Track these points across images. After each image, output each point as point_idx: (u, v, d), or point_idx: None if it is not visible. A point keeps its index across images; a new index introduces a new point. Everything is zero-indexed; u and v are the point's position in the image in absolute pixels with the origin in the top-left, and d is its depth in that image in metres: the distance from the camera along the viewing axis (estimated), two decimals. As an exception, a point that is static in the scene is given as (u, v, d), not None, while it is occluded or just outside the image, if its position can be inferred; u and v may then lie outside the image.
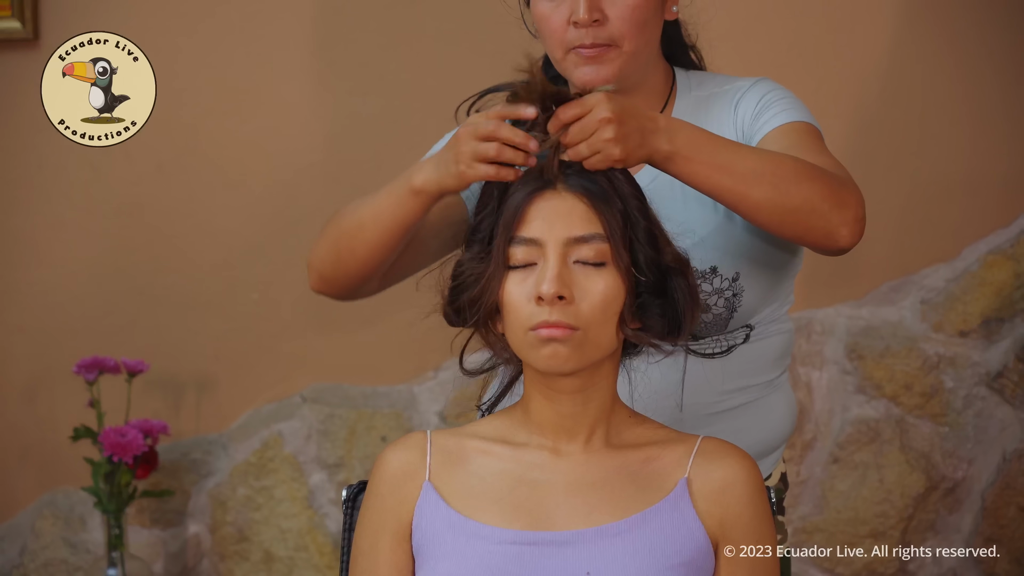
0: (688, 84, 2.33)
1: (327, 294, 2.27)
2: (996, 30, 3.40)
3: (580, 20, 2.18)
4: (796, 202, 2.03)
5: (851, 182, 2.10)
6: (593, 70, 2.21)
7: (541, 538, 1.91)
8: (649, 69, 2.28)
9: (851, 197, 2.07)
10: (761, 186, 2.02)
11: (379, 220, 2.12)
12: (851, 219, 2.06)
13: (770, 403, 2.33)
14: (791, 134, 2.19)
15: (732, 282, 2.24)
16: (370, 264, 2.18)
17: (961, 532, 3.44)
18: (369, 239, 2.14)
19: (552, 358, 1.91)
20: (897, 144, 3.42)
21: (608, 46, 2.20)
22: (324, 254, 2.22)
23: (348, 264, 2.19)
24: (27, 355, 3.53)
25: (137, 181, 3.48)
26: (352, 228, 2.17)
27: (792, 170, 2.04)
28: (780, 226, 2.06)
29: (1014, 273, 3.43)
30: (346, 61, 3.45)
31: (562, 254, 1.92)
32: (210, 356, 3.52)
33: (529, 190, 1.95)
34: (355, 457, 3.50)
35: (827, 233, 2.06)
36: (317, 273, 2.25)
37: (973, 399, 3.43)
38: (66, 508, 3.55)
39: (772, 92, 2.26)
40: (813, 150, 2.15)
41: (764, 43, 3.40)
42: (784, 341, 2.34)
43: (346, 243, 2.18)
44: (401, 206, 2.10)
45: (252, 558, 3.51)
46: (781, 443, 2.36)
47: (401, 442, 2.01)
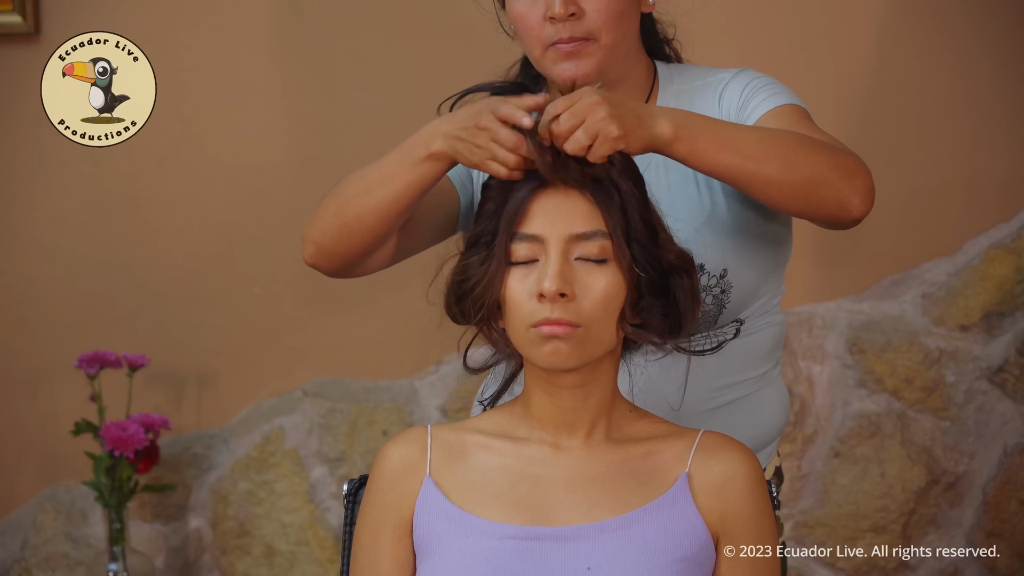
0: (670, 77, 2.32)
1: (322, 268, 2.22)
2: (995, 25, 3.40)
3: (556, 15, 2.17)
4: (805, 174, 2.02)
5: (854, 153, 2.09)
6: (573, 65, 2.20)
7: (542, 533, 1.91)
8: (630, 62, 2.27)
9: (858, 166, 2.06)
10: (769, 161, 2.01)
11: (391, 184, 2.08)
12: (861, 187, 2.05)
13: (763, 397, 2.32)
14: (783, 116, 2.18)
15: (720, 279, 2.24)
16: (376, 232, 2.13)
17: (962, 527, 3.44)
18: (378, 205, 2.10)
19: (553, 355, 1.90)
20: (898, 139, 3.42)
21: (586, 40, 2.19)
22: (325, 226, 2.17)
23: (353, 233, 2.14)
24: (28, 349, 3.53)
25: (138, 176, 3.48)
26: (359, 194, 2.12)
27: (797, 143, 2.03)
28: (792, 200, 2.04)
29: (1015, 267, 3.43)
30: (346, 56, 3.45)
31: (564, 251, 1.91)
32: (211, 350, 3.52)
33: (531, 187, 1.94)
34: (356, 451, 3.50)
35: (840, 204, 2.05)
36: (315, 246, 2.20)
37: (974, 393, 3.43)
38: (67, 502, 3.55)
39: (756, 80, 2.25)
40: (807, 129, 2.14)
41: (763, 39, 3.40)
42: (775, 333, 2.33)
43: (352, 210, 2.13)
44: (416, 171, 2.06)
45: (253, 552, 3.52)
46: (775, 437, 2.35)
47: (401, 437, 2.01)
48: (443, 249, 2.10)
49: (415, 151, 2.06)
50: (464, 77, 2.45)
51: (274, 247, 3.48)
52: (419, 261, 2.22)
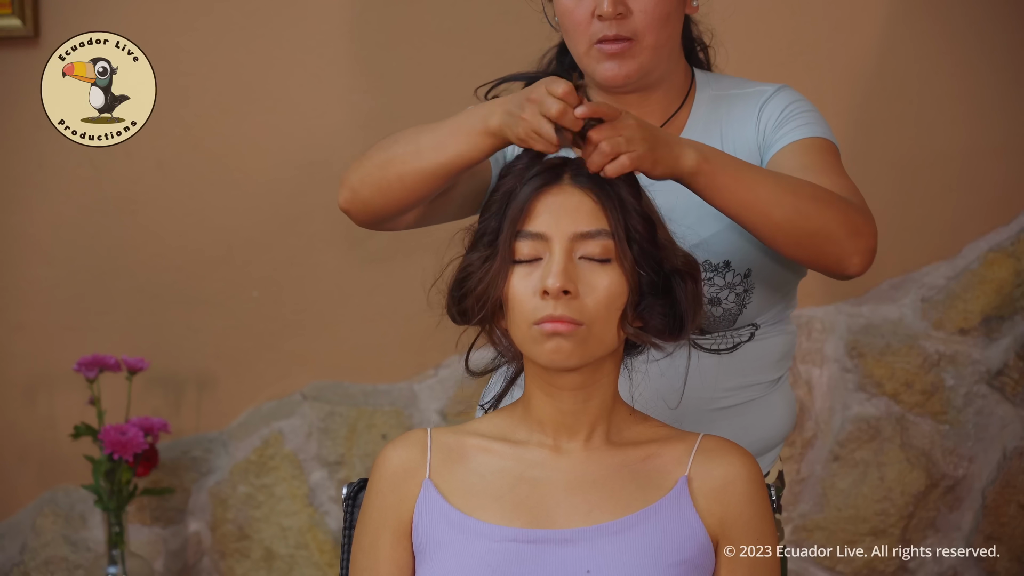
0: (707, 82, 2.35)
1: (352, 215, 2.22)
2: (995, 28, 3.40)
3: (604, 13, 2.21)
4: (814, 226, 2.07)
5: (866, 210, 2.14)
6: (615, 65, 2.24)
7: (541, 536, 1.91)
8: (671, 65, 2.30)
9: (866, 227, 2.11)
10: (782, 208, 2.06)
11: (442, 151, 2.09)
12: (864, 248, 2.10)
13: (771, 401, 2.34)
14: (811, 150, 2.22)
15: (744, 278, 2.26)
16: (415, 194, 2.14)
17: (961, 530, 3.44)
18: (424, 168, 2.11)
19: (555, 353, 1.91)
20: (897, 141, 3.43)
21: (630, 40, 2.22)
22: (367, 176, 2.18)
23: (392, 190, 2.15)
24: (27, 353, 3.53)
25: (137, 179, 3.48)
26: (407, 155, 2.13)
27: (812, 195, 2.08)
28: (796, 248, 2.09)
29: (1014, 271, 3.43)
30: (346, 58, 3.45)
31: (568, 249, 1.92)
32: (210, 354, 3.52)
33: (536, 186, 1.95)
34: (355, 455, 3.50)
35: (839, 260, 2.11)
36: (352, 192, 2.20)
37: (973, 397, 3.43)
38: (66, 506, 3.55)
39: (796, 103, 2.29)
40: (830, 169, 2.19)
41: (763, 41, 3.40)
42: (787, 342, 2.36)
43: (396, 168, 2.14)
44: (469, 142, 2.07)
45: (252, 556, 3.52)
46: (780, 442, 2.37)
47: (401, 440, 2.01)
48: (444, 252, 2.10)
49: (472, 123, 2.07)
50: (464, 79, 2.45)
51: (273, 250, 3.48)
52: (419, 263, 2.22)
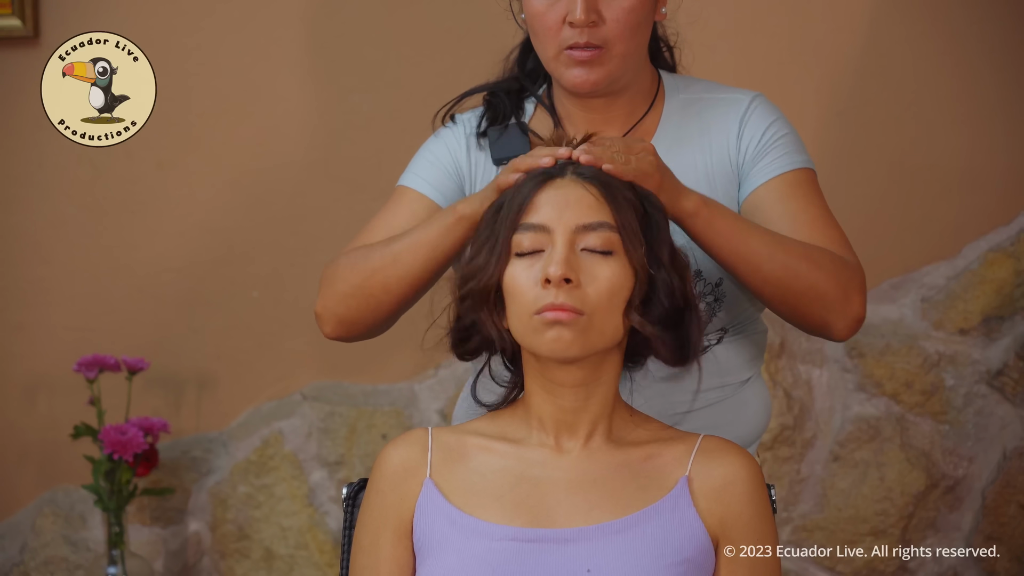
0: (676, 86, 2.34)
1: (345, 338, 2.26)
2: (994, 27, 3.40)
3: (577, 21, 2.19)
4: (803, 286, 2.10)
5: (857, 267, 2.16)
6: (584, 72, 2.22)
7: (542, 535, 1.91)
8: (638, 71, 2.29)
9: (856, 295, 2.13)
10: (773, 263, 2.08)
11: (419, 251, 2.14)
12: (851, 316, 2.13)
13: (743, 399, 2.33)
14: (797, 189, 2.23)
15: (715, 287, 2.26)
16: (405, 298, 2.19)
17: (961, 530, 3.44)
18: (406, 272, 2.15)
19: (556, 342, 1.91)
20: (896, 142, 3.42)
21: (600, 48, 2.21)
22: (344, 298, 2.21)
23: (381, 304, 2.19)
24: (27, 353, 3.53)
25: (137, 179, 3.48)
26: (383, 265, 2.17)
27: (805, 255, 2.10)
28: (781, 304, 2.12)
29: (1014, 271, 3.43)
30: (345, 59, 3.45)
31: (570, 240, 1.92)
32: (210, 354, 3.52)
33: (539, 181, 1.96)
34: (355, 455, 3.50)
35: (824, 324, 2.13)
36: (336, 318, 2.23)
37: (973, 397, 3.43)
38: (66, 506, 3.55)
39: (776, 123, 2.28)
40: (818, 217, 2.20)
41: (760, 43, 3.40)
42: (758, 342, 2.35)
43: (378, 280, 2.17)
44: (446, 235, 2.11)
45: (252, 556, 3.51)
46: (756, 439, 2.35)
47: (402, 439, 2.01)
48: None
49: (441, 217, 2.13)
50: (463, 81, 2.45)
51: (273, 251, 3.48)
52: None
